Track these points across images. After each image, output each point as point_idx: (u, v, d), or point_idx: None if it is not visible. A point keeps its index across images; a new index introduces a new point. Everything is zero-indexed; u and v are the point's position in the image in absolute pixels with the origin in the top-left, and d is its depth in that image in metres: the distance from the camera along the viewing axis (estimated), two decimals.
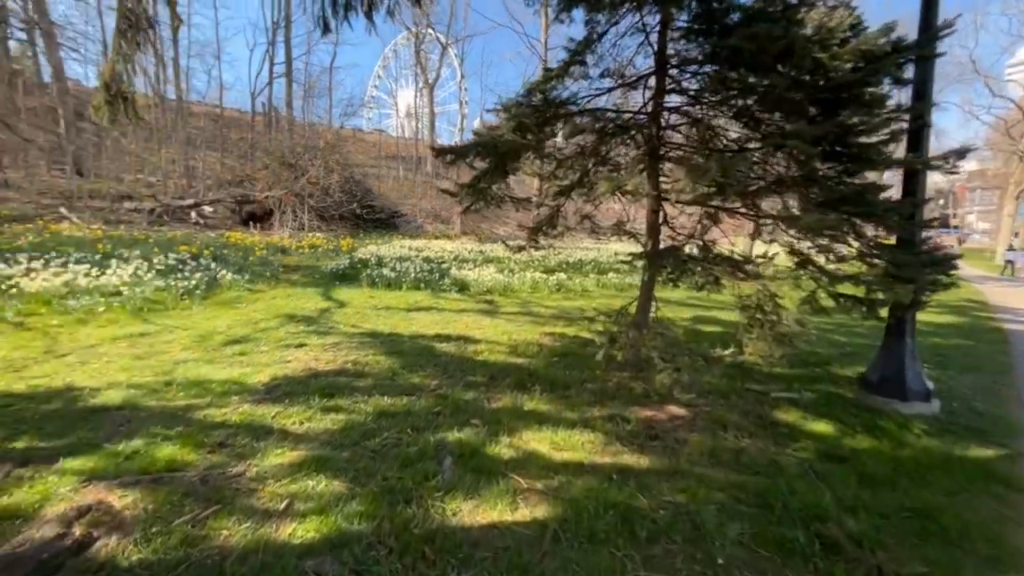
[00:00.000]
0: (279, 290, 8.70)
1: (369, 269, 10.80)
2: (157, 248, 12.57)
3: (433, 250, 15.28)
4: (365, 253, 13.19)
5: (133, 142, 27.29)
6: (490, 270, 10.97)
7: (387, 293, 8.86)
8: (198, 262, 9.94)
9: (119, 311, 6.38)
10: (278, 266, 11.22)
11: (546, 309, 8.08)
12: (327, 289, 8.96)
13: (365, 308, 7.45)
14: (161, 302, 7.00)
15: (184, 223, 19.91)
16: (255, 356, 4.81)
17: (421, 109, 46.89)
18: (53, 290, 6.75)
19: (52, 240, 12.53)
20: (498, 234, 25.87)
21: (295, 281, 9.82)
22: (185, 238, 15.07)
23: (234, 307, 7.10)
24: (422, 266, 11.16)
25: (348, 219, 20.25)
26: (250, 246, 13.96)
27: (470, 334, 6.05)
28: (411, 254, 13.63)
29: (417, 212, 27.03)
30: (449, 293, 9.05)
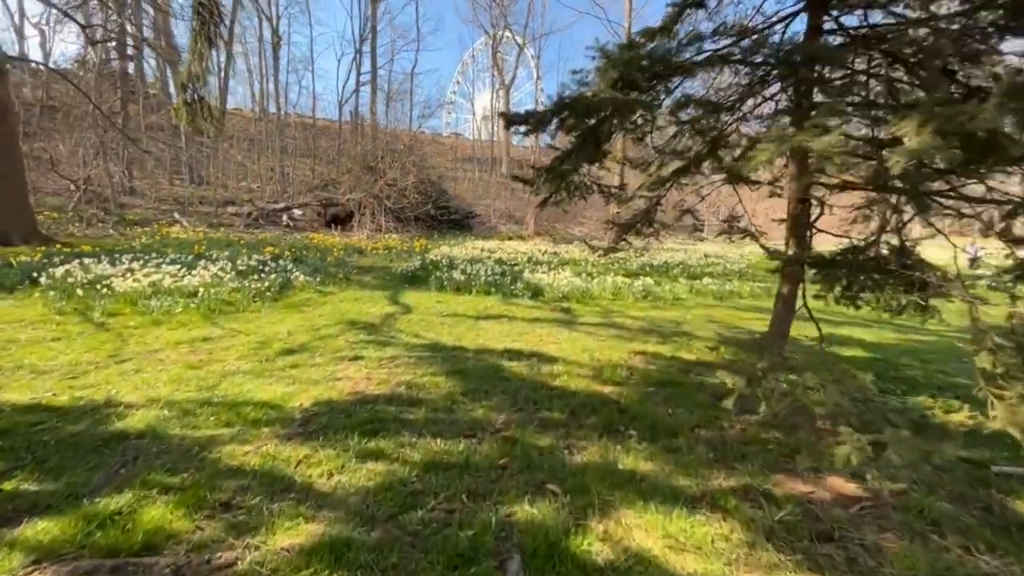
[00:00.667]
0: (348, 292, 8.44)
1: (439, 271, 10.33)
2: (246, 249, 13.20)
3: (506, 251, 14.65)
4: (437, 255, 12.85)
5: (239, 152, 29.91)
6: (566, 273, 10.02)
7: (456, 297, 8.26)
8: (277, 263, 10.08)
9: (193, 313, 6.34)
10: (351, 267, 11.16)
11: (633, 320, 6.97)
12: (395, 292, 8.56)
13: (431, 314, 6.86)
14: (234, 304, 6.93)
15: (276, 225, 21.22)
16: (306, 370, 4.31)
17: (497, 111, 46.99)
18: (140, 291, 6.92)
19: (160, 242, 13.67)
20: (574, 234, 24.75)
21: (366, 283, 9.58)
22: (274, 240, 15.84)
23: (301, 310, 6.84)
24: (493, 269, 10.49)
25: (423, 220, 20.34)
26: (329, 247, 14.26)
27: (544, 350, 5.17)
28: (483, 256, 13.08)
29: (491, 213, 26.73)
30: (521, 299, 8.25)
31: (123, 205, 20.13)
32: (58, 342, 5.01)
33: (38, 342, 4.97)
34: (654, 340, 5.81)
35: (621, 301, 8.39)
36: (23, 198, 11.81)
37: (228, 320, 6.19)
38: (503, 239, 20.34)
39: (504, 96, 45.85)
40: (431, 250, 14.67)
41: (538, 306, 7.81)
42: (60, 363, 4.37)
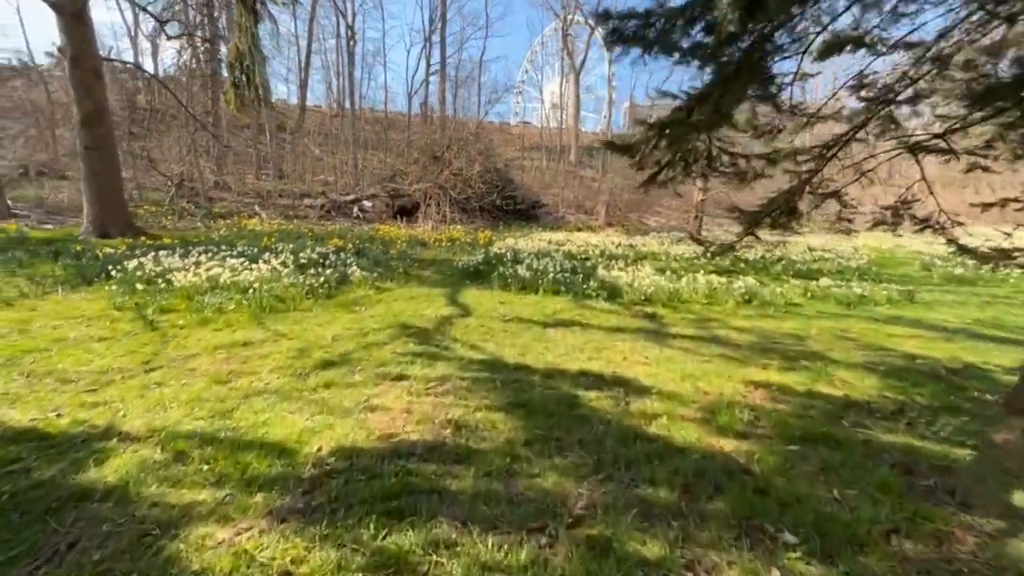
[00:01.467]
0: (406, 289, 7.81)
1: (503, 266, 9.46)
2: (312, 241, 13.20)
3: (575, 244, 13.48)
4: (502, 247, 12.01)
5: (316, 147, 31.14)
6: (646, 270, 8.69)
7: (520, 298, 7.31)
8: (339, 256, 9.75)
9: (243, 311, 5.94)
10: (412, 261, 10.62)
11: (738, 334, 5.59)
12: (455, 290, 7.79)
13: (492, 318, 5.97)
14: (286, 301, 6.50)
15: (347, 217, 21.60)
16: (339, 392, 3.57)
17: (566, 98, 45.32)
18: (197, 286, 6.70)
19: (237, 234, 14.10)
20: (649, 225, 22.86)
21: (425, 279, 8.93)
22: (341, 231, 15.90)
23: (353, 310, 6.25)
24: (563, 264, 9.42)
25: (488, 211, 19.64)
26: (393, 239, 13.95)
27: (631, 375, 4.06)
28: (550, 249, 12.03)
29: (558, 202, 25.50)
30: (596, 301, 7.11)
31: (212, 199, 21.46)
32: (101, 343, 4.72)
33: (83, 342, 4.71)
34: (776, 364, 4.46)
35: (719, 306, 6.97)
36: (119, 194, 12.56)
37: (276, 320, 5.71)
38: (571, 230, 19.11)
39: (574, 80, 44.00)
40: (495, 242, 13.87)
41: (617, 311, 6.64)
42: (90, 370, 4.00)
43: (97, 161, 11.79)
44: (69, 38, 11.02)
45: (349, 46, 33.86)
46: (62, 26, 10.99)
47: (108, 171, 12.02)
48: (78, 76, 11.29)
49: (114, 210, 12.23)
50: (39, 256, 9.29)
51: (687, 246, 13.10)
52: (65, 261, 8.63)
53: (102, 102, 11.76)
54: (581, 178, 34.36)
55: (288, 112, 37.56)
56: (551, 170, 36.75)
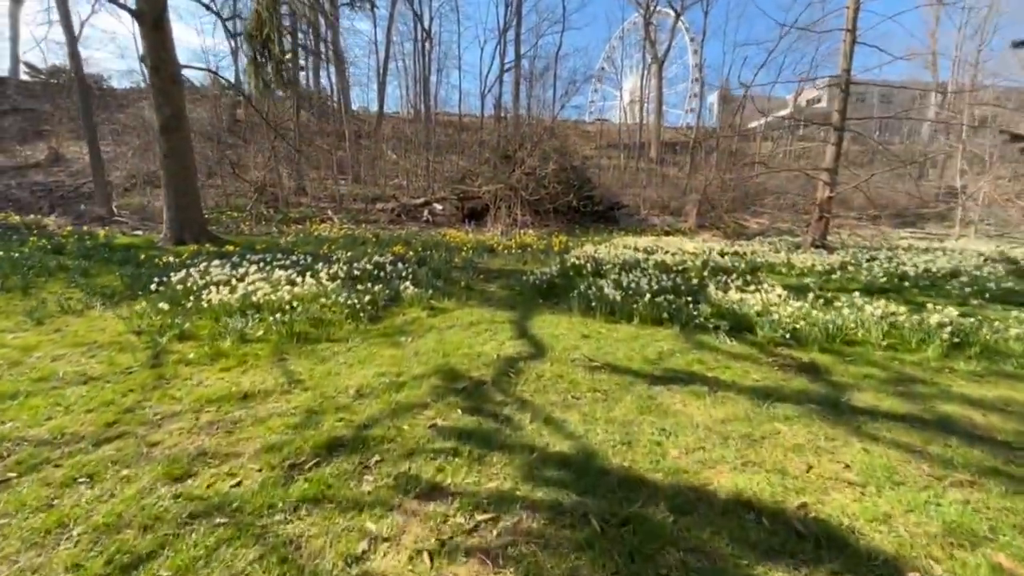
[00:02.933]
0: (466, 310, 6.41)
1: (584, 281, 7.77)
2: (374, 248, 12.40)
3: (667, 250, 11.39)
4: (580, 255, 10.29)
5: (392, 151, 31.41)
6: (777, 291, 6.54)
7: (610, 328, 5.59)
8: (395, 267, 8.65)
9: (268, 340, 4.86)
10: (478, 271, 9.27)
11: (981, 413, 3.44)
12: (524, 313, 6.24)
13: (574, 365, 4.33)
14: (323, 326, 5.36)
15: (417, 221, 21.03)
16: (328, 521, 2.16)
17: (647, 91, 42.32)
18: (227, 305, 5.80)
19: (303, 239, 13.75)
20: (748, 227, 19.81)
21: (489, 295, 7.49)
22: (408, 236, 15.10)
23: (397, 341, 4.94)
24: (658, 278, 7.52)
25: (563, 213, 17.96)
26: (460, 245, 12.78)
27: (837, 516, 2.22)
28: (638, 257, 10.10)
29: (640, 203, 23.14)
30: (716, 337, 5.18)
31: (291, 204, 21.98)
32: (84, 386, 3.77)
33: (66, 384, 3.80)
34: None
35: (911, 353, 4.71)
36: (196, 200, 12.61)
37: (301, 355, 4.52)
38: (658, 234, 16.84)
39: (656, 71, 40.86)
40: (572, 249, 12.17)
41: (752, 355, 4.68)
42: (35, 436, 2.97)
43: (175, 167, 11.84)
44: (149, 46, 11.10)
45: (424, 49, 33.92)
46: (143, 34, 11.11)
47: (184, 177, 12.05)
48: (157, 83, 11.36)
49: (190, 216, 12.25)
50: (110, 263, 9.19)
51: (813, 255, 10.49)
52: (125, 271, 8.31)
53: (180, 108, 11.79)
54: (664, 176, 31.46)
55: (368, 119, 38.60)
56: (630, 169, 34.18)
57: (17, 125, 30.07)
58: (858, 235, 14.55)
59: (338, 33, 32.09)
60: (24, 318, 5.50)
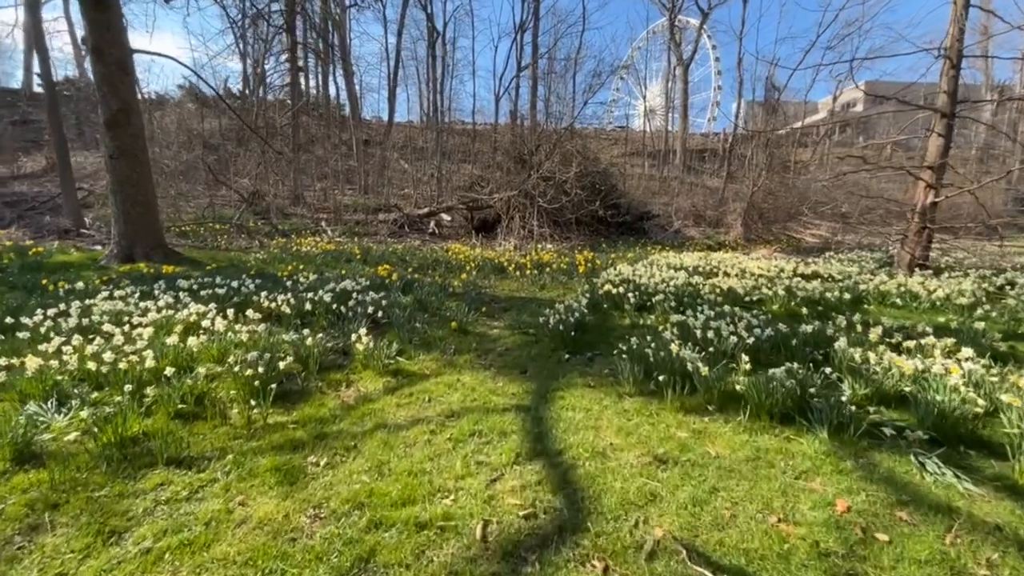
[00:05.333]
0: (450, 376, 4.05)
1: (624, 317, 5.36)
2: (358, 266, 10.19)
3: (725, 271, 8.85)
4: (613, 277, 7.87)
5: (404, 161, 29.59)
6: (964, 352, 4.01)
7: (695, 432, 3.14)
8: (369, 295, 6.35)
9: (40, 473, 2.57)
10: (480, 301, 6.89)
11: None
12: (543, 388, 3.83)
13: (667, 569, 1.91)
14: (197, 417, 3.07)
15: (422, 233, 18.87)
16: None
17: (672, 96, 39.97)
18: (59, 376, 3.56)
19: (278, 256, 11.62)
20: (803, 240, 17.06)
21: (491, 344, 5.11)
22: (405, 252, 12.89)
23: (296, 469, 2.59)
24: (735, 315, 5.06)
25: (586, 224, 15.56)
26: (463, 263, 10.49)
27: None
28: (692, 281, 7.61)
29: (671, 213, 20.59)
30: (916, 464, 2.70)
31: (288, 215, 20.12)
32: None
33: None
34: None
35: None
36: (151, 209, 10.62)
37: (85, 512, 2.22)
38: (699, 248, 14.29)
39: (682, 74, 38.43)
40: (601, 268, 9.74)
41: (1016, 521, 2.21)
42: None
43: (124, 170, 9.87)
44: (90, 25, 9.21)
45: (436, 52, 32.23)
46: (82, 12, 9.26)
47: (136, 183, 10.07)
48: (101, 71, 9.43)
49: (143, 229, 10.25)
50: (14, 288, 7.15)
51: (922, 277, 7.84)
52: (12, 299, 6.20)
53: (130, 101, 9.86)
54: (691, 185, 28.87)
55: (379, 127, 37.09)
56: (656, 177, 31.70)
57: (25, 136, 29.26)
58: (961, 250, 11.79)
59: (346, 36, 30.67)
60: None
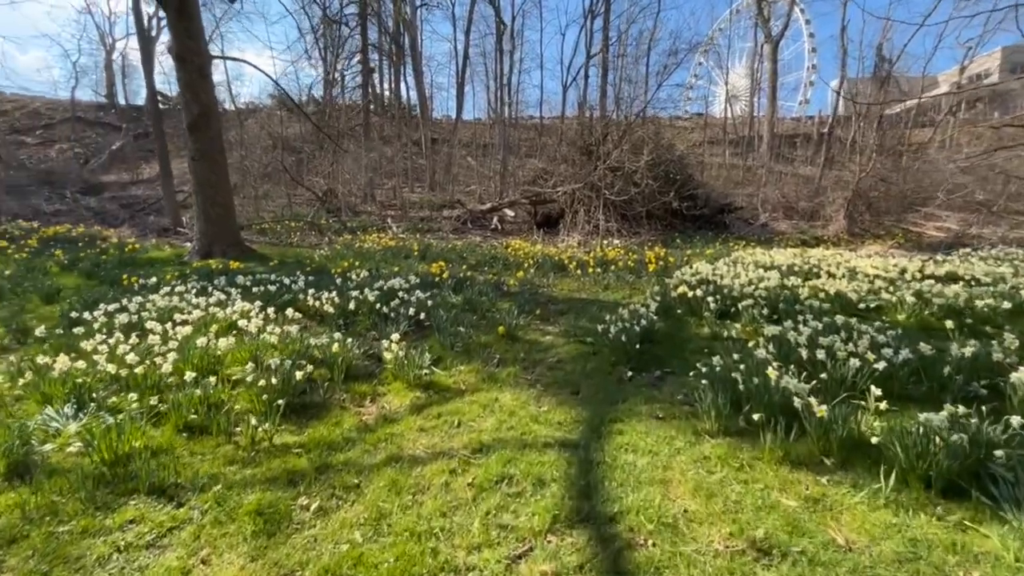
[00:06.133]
0: (489, 394, 3.47)
1: (702, 326, 4.45)
2: (417, 262, 9.95)
3: (826, 269, 7.42)
4: (688, 278, 6.85)
5: (471, 158, 29.70)
6: None
7: (809, 502, 2.28)
8: (415, 295, 5.96)
9: (60, 477, 2.32)
10: (533, 303, 6.24)
11: None
12: (597, 415, 3.10)
13: None
14: (197, 434, 2.75)
15: (484, 229, 18.60)
16: None
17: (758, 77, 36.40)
18: (89, 372, 3.44)
19: (340, 253, 11.74)
20: (926, 234, 14.43)
21: (541, 354, 4.45)
22: (463, 248, 12.55)
23: (279, 515, 2.14)
24: (856, 328, 3.94)
25: (658, 217, 14.30)
26: (522, 260, 9.89)
27: None
28: (786, 282, 6.38)
29: (758, 204, 18.50)
30: None
31: (357, 212, 20.77)
32: None
33: None
34: None
35: None
36: (228, 208, 11.16)
37: (40, 550, 1.90)
38: (793, 244, 12.51)
39: (771, 55, 34.89)
40: (675, 266, 8.66)
41: None
42: None
43: (204, 171, 10.44)
44: (173, 33, 9.80)
45: (500, 45, 31.85)
46: (168, 21, 9.86)
47: (214, 183, 10.61)
48: (184, 77, 10.00)
49: (221, 226, 10.79)
50: (103, 283, 7.68)
51: None
52: (93, 294, 6.57)
53: (209, 105, 10.39)
54: (780, 174, 25.95)
55: (448, 125, 37.57)
56: (739, 166, 29.02)
57: (146, 147, 33.17)
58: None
59: (416, 36, 31.27)
60: None
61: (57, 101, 33.88)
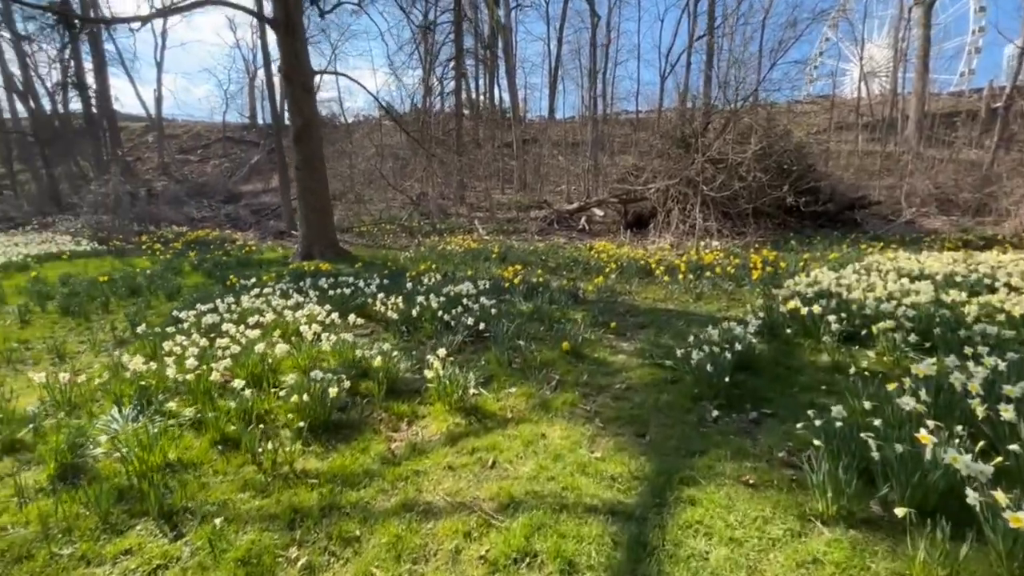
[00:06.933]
0: (539, 425, 2.98)
1: (823, 355, 3.51)
2: (493, 265, 9.70)
3: (1008, 281, 5.65)
4: (802, 286, 5.66)
5: (562, 157, 29.17)
6: None
7: None
8: (479, 302, 5.66)
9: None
10: (609, 313, 5.57)
11: None
12: (669, 475, 2.44)
13: None
14: (226, 450, 2.67)
15: (571, 230, 17.98)
16: None
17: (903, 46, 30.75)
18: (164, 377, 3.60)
19: (423, 255, 11.97)
20: None
21: (607, 379, 3.83)
22: (545, 250, 12.08)
23: None
24: None
25: (768, 214, 12.50)
26: (604, 263, 9.15)
27: None
28: (943, 296, 4.91)
29: (901, 198, 15.43)
30: None
31: (448, 215, 21.37)
32: None
33: None
34: None
35: None
36: (327, 214, 11.98)
37: (38, 574, 1.83)
38: (950, 246, 10.07)
39: (922, 18, 29.38)
40: (786, 273, 7.32)
41: None
42: None
43: (306, 179, 11.30)
44: (283, 53, 10.69)
45: (594, 39, 30.74)
46: (278, 41, 10.79)
47: (315, 190, 11.45)
48: (290, 92, 10.92)
49: (320, 230, 11.62)
50: (218, 282, 8.57)
51: None
52: (210, 293, 7.28)
53: (311, 118, 11.21)
54: (933, 160, 21.49)
55: (539, 125, 37.38)
56: (876, 153, 24.77)
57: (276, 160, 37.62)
58: None
59: (510, 38, 31.48)
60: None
61: (213, 124, 39.86)
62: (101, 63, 26.49)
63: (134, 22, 11.17)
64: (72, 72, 26.25)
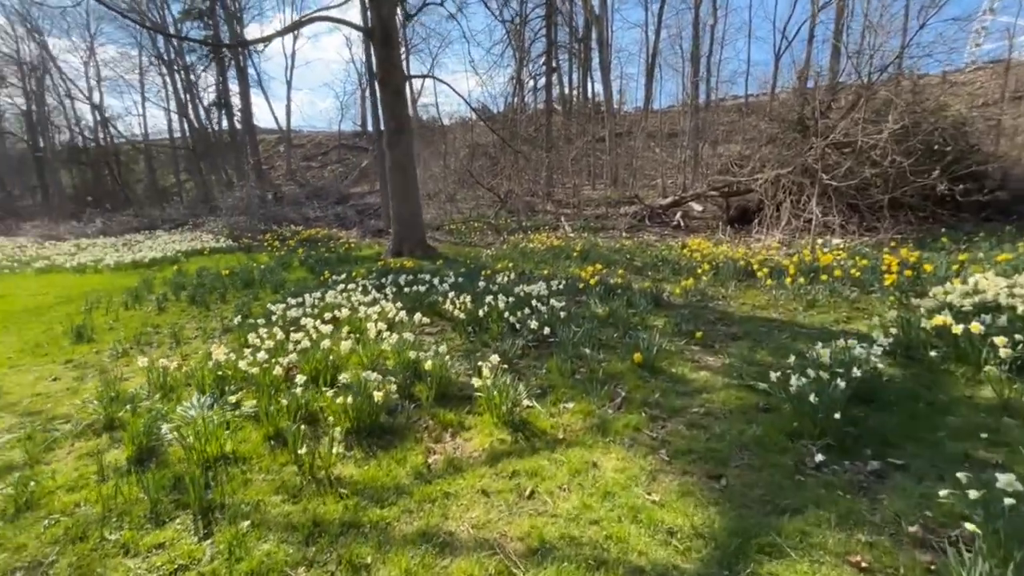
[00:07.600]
0: (594, 451, 2.60)
1: (984, 388, 2.66)
2: (575, 264, 9.25)
3: None
4: (954, 296, 4.45)
5: (660, 149, 27.54)
6: None
7: None
8: (550, 304, 5.35)
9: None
10: (695, 322, 4.90)
11: None
12: (748, 539, 1.94)
13: None
14: (284, 445, 2.73)
15: (664, 226, 16.79)
16: None
17: None
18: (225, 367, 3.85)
19: (506, 252, 11.89)
20: None
21: (683, 401, 3.29)
22: (631, 249, 11.32)
23: None
24: None
25: (911, 206, 10.36)
26: (697, 264, 8.25)
27: None
28: None
29: None
30: None
31: (535, 211, 21.23)
32: None
33: None
34: None
35: None
36: (416, 212, 12.46)
37: (74, 564, 1.94)
38: None
39: None
40: (933, 279, 5.89)
41: None
42: None
43: (399, 179, 11.85)
44: (378, 61, 11.28)
45: (697, 17, 28.33)
46: (374, 50, 11.40)
47: (405, 189, 11.97)
48: (384, 97, 11.50)
49: (410, 228, 12.14)
50: (316, 279, 9.29)
51: None
52: (303, 288, 7.90)
53: (403, 121, 11.71)
54: None
55: (635, 116, 35.68)
56: None
57: None
58: None
59: (604, 30, 30.35)
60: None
61: (332, 133, 44.18)
62: (245, 86, 30.76)
63: (259, 43, 12.60)
64: (222, 94, 30.84)
